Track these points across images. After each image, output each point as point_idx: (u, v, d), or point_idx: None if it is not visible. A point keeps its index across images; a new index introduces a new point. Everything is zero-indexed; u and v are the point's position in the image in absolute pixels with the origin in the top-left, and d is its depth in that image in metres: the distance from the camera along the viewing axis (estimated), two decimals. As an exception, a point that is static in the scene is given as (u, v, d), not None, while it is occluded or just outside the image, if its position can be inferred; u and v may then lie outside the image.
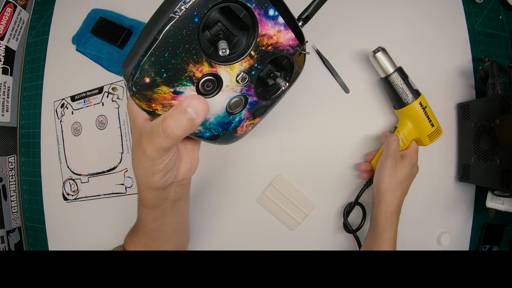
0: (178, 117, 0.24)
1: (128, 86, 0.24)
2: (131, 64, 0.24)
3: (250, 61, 0.27)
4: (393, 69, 0.47)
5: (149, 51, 0.23)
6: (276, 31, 0.26)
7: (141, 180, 0.31)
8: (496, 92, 0.47)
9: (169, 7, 0.22)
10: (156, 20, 0.23)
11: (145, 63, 0.23)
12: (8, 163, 0.61)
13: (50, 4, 0.61)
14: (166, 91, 0.24)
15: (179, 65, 0.24)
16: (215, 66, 0.25)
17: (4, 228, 0.58)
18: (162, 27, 0.22)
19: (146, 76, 0.23)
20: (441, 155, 0.54)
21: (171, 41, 0.23)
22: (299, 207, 0.52)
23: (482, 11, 0.56)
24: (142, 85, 0.24)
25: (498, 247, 0.56)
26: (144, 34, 0.24)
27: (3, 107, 0.60)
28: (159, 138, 0.25)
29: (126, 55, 0.25)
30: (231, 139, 0.34)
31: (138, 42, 0.24)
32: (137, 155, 0.29)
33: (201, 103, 0.24)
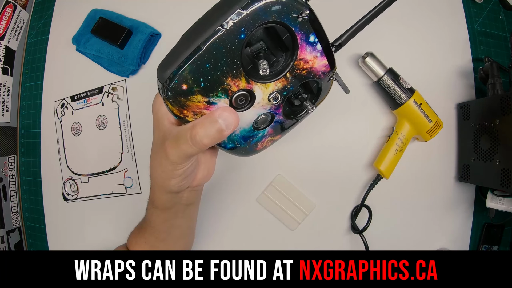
0: (208, 127, 0.25)
1: (162, 89, 0.25)
2: (169, 68, 0.24)
3: (284, 82, 0.28)
4: (383, 72, 0.48)
5: (191, 59, 0.23)
6: (313, 56, 0.27)
7: (157, 182, 0.31)
8: (496, 92, 0.47)
9: (218, 18, 0.23)
10: (202, 28, 0.23)
11: (185, 70, 0.23)
12: (8, 163, 0.61)
13: (50, 4, 0.61)
14: (201, 100, 0.25)
15: (218, 77, 0.24)
16: (251, 83, 0.26)
17: (4, 228, 0.58)
18: (208, 38, 0.22)
19: (184, 83, 0.24)
20: (441, 155, 0.54)
21: (214, 52, 0.23)
22: (299, 207, 0.52)
23: (482, 11, 0.56)
24: (178, 91, 0.24)
25: (498, 247, 0.56)
26: (186, 39, 0.24)
27: (3, 107, 0.60)
28: (186, 144, 0.25)
29: (164, 57, 0.25)
30: (250, 152, 0.35)
31: (179, 47, 0.24)
32: (158, 157, 0.29)
33: (233, 116, 0.25)
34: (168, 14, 0.56)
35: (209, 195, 0.53)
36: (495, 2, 0.57)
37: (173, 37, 0.59)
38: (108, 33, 0.54)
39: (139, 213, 0.42)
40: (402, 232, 0.54)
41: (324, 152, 0.52)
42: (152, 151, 0.30)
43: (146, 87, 0.56)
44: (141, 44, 0.53)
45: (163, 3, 0.56)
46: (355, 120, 0.53)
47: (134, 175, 0.55)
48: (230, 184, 0.53)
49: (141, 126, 0.55)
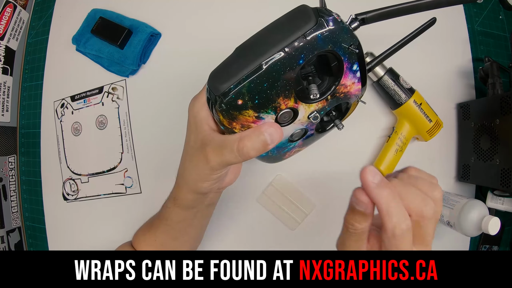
0: (255, 140, 0.26)
1: (215, 100, 0.25)
2: (226, 81, 0.24)
3: (324, 103, 0.29)
4: (383, 72, 0.48)
5: (251, 77, 0.24)
6: (352, 82, 0.29)
7: (188, 183, 0.32)
8: (496, 92, 0.47)
9: (280, 41, 0.23)
10: (263, 48, 0.24)
11: (244, 87, 0.24)
12: (8, 163, 0.61)
13: (50, 4, 0.61)
14: (251, 115, 0.26)
15: (272, 96, 0.26)
16: (298, 102, 0.27)
17: (4, 228, 0.58)
18: (270, 59, 0.24)
19: (240, 99, 0.25)
20: (441, 155, 0.54)
21: (274, 74, 0.24)
22: (299, 207, 0.52)
23: (482, 11, 0.56)
24: (233, 105, 0.25)
25: (498, 247, 0.56)
26: (245, 55, 0.25)
27: (3, 107, 0.60)
28: (231, 155, 0.27)
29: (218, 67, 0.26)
30: (277, 160, 0.37)
31: (236, 61, 0.25)
32: (195, 160, 0.30)
33: (278, 132, 0.27)
34: (168, 14, 0.56)
35: (209, 195, 0.53)
36: (495, 2, 0.57)
37: (173, 37, 0.60)
38: (108, 33, 0.54)
39: (139, 213, 0.43)
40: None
41: (324, 152, 0.52)
42: (187, 153, 0.31)
43: (146, 87, 0.56)
44: (141, 44, 0.53)
45: (163, 3, 0.56)
46: (355, 120, 0.53)
47: (134, 175, 0.55)
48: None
49: (141, 126, 0.55)
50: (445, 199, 0.48)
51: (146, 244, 0.40)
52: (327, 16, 0.24)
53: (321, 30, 0.23)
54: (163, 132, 0.54)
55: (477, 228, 0.44)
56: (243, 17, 0.53)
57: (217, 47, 0.55)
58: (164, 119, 0.55)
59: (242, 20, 0.54)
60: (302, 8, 0.24)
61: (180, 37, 0.55)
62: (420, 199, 0.24)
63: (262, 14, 0.55)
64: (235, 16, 0.54)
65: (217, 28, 0.54)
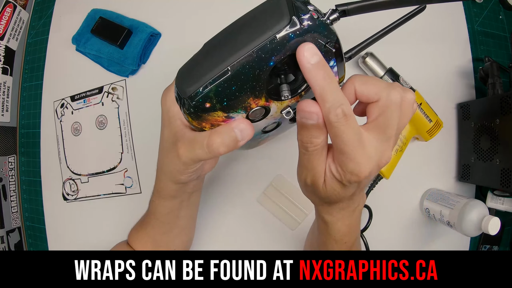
0: (225, 137, 0.26)
1: (183, 102, 0.25)
2: (193, 84, 0.23)
3: (297, 98, 0.28)
4: (383, 72, 0.48)
5: (217, 81, 0.23)
6: None
7: (166, 175, 0.32)
8: (496, 92, 0.47)
9: (249, 41, 0.22)
10: (231, 47, 0.23)
11: (211, 91, 0.23)
12: (8, 163, 0.61)
13: (50, 4, 0.61)
14: (220, 115, 0.25)
15: (241, 97, 0.25)
16: (269, 101, 0.26)
17: (4, 228, 0.58)
18: (237, 62, 0.22)
19: (207, 102, 0.24)
20: (441, 155, 0.54)
21: (242, 77, 0.23)
22: (299, 207, 0.52)
23: (482, 11, 0.56)
24: (201, 108, 0.24)
25: (498, 247, 0.56)
26: (212, 54, 0.23)
27: (3, 107, 0.60)
28: (201, 150, 0.26)
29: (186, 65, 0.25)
30: (251, 147, 0.38)
31: (204, 60, 0.24)
32: (170, 155, 0.30)
33: (249, 128, 0.26)
34: (168, 14, 0.56)
35: (209, 195, 0.53)
36: (495, 2, 0.57)
37: (173, 37, 0.60)
38: (108, 33, 0.54)
39: (139, 213, 0.42)
40: (402, 232, 0.54)
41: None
42: (162, 147, 0.31)
43: (146, 87, 0.56)
44: (141, 44, 0.53)
45: (163, 3, 0.56)
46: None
47: (134, 175, 0.55)
48: (230, 184, 0.53)
49: (141, 126, 0.55)
50: (445, 199, 0.48)
51: (140, 241, 0.40)
52: (302, 13, 0.21)
53: (294, 29, 0.21)
54: (163, 132, 0.54)
55: (477, 228, 0.44)
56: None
57: (217, 47, 0.55)
58: (164, 119, 0.55)
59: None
60: (277, 2, 0.22)
61: (180, 37, 0.55)
62: (384, 85, 0.24)
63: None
64: (235, 16, 0.54)
65: (217, 28, 0.54)
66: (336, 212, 0.29)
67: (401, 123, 0.24)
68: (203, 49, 0.25)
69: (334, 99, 0.22)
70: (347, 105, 0.22)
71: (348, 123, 0.22)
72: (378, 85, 0.24)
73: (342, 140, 0.23)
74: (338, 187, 0.26)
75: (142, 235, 0.40)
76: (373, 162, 0.24)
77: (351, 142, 0.23)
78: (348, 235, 0.31)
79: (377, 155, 0.24)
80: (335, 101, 0.22)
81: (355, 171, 0.24)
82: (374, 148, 0.24)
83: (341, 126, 0.22)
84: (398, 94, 0.23)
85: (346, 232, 0.31)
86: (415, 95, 0.25)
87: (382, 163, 0.25)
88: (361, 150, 0.23)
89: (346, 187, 0.26)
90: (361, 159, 0.23)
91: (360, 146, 0.23)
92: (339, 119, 0.22)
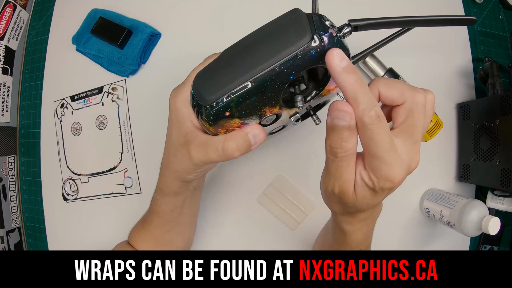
0: (239, 142, 0.27)
1: (203, 111, 0.25)
2: (215, 93, 0.24)
3: (306, 105, 0.30)
4: (383, 72, 0.48)
5: (240, 92, 0.24)
6: (335, 86, 0.29)
7: (172, 173, 0.33)
8: (496, 92, 0.47)
9: (271, 56, 0.23)
10: (253, 60, 0.23)
11: (233, 101, 0.24)
12: (8, 163, 0.61)
13: (50, 4, 0.61)
14: (237, 122, 0.27)
15: (259, 106, 0.26)
16: (282, 108, 0.28)
17: (4, 228, 0.58)
18: (260, 75, 0.23)
19: (227, 111, 0.25)
20: (441, 155, 0.54)
21: (263, 89, 0.24)
22: (299, 207, 0.52)
23: (482, 11, 0.56)
24: (221, 116, 0.25)
25: (498, 247, 0.56)
26: (234, 65, 0.24)
27: (3, 107, 0.60)
28: (216, 154, 0.28)
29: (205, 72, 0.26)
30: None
31: (226, 71, 0.24)
32: (180, 156, 0.30)
33: (262, 133, 0.28)
34: (168, 14, 0.56)
35: (210, 195, 0.53)
36: (495, 2, 0.57)
37: (173, 37, 0.60)
38: (108, 33, 0.54)
39: (139, 213, 0.42)
40: (402, 232, 0.54)
41: (324, 153, 0.52)
42: (170, 147, 0.32)
43: (146, 87, 0.56)
44: (141, 44, 0.53)
45: (163, 3, 0.56)
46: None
47: (134, 175, 0.55)
48: (230, 184, 0.53)
49: (141, 126, 0.55)
50: (445, 199, 0.48)
51: (142, 240, 0.41)
52: (322, 30, 0.22)
53: (315, 46, 0.22)
54: (163, 132, 0.54)
55: (477, 228, 0.44)
56: (244, 17, 0.53)
57: (217, 47, 0.55)
58: (164, 119, 0.54)
59: (243, 20, 0.54)
60: (297, 17, 0.23)
61: (180, 37, 0.55)
62: (408, 88, 0.24)
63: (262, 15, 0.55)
64: (236, 16, 0.54)
65: (217, 28, 0.54)
66: (357, 222, 0.29)
67: (425, 125, 0.25)
68: (223, 57, 0.25)
69: (367, 101, 0.22)
70: (379, 107, 0.22)
71: (381, 125, 0.22)
72: (403, 87, 0.24)
73: (376, 143, 0.22)
74: (369, 195, 0.25)
75: (145, 234, 0.40)
76: (405, 166, 0.23)
77: (385, 145, 0.22)
78: (363, 243, 0.31)
79: (408, 160, 0.24)
80: (369, 103, 0.22)
81: (389, 176, 0.23)
82: (405, 153, 0.23)
83: (376, 129, 0.22)
84: (422, 96, 0.23)
85: (362, 240, 0.31)
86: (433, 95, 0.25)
87: (412, 168, 0.24)
88: (395, 153, 0.23)
89: (377, 195, 0.25)
90: (395, 163, 0.23)
91: (393, 150, 0.23)
92: (373, 121, 0.22)
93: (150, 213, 0.39)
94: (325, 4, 0.32)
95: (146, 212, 0.41)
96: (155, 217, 0.38)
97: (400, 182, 0.23)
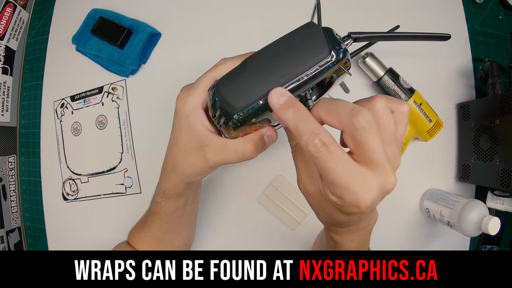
0: (258, 143, 0.29)
1: (230, 118, 0.27)
2: (242, 102, 0.26)
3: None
4: (383, 72, 0.48)
5: (267, 100, 0.25)
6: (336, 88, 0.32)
7: (179, 175, 0.33)
8: (496, 92, 0.47)
9: (296, 67, 0.25)
10: (280, 71, 0.26)
11: (261, 108, 0.26)
12: (8, 163, 0.61)
13: (50, 4, 0.61)
14: (257, 126, 0.29)
15: None
16: None
17: (4, 228, 0.58)
18: (286, 86, 0.26)
19: (254, 117, 0.27)
20: (441, 155, 0.54)
21: None
22: (299, 207, 0.52)
23: (482, 11, 0.56)
24: (246, 121, 0.27)
25: (498, 247, 0.56)
26: (259, 75, 0.26)
27: (3, 107, 0.60)
28: (234, 157, 0.29)
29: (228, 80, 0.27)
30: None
31: (251, 80, 0.26)
32: (193, 159, 0.31)
33: (275, 134, 0.30)
34: (168, 14, 0.56)
35: (210, 195, 0.53)
36: (495, 2, 0.57)
37: (173, 37, 0.59)
38: (108, 33, 0.54)
39: (139, 213, 0.42)
40: (402, 232, 0.54)
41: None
42: (180, 149, 0.32)
43: (146, 87, 0.56)
44: (141, 44, 0.53)
45: (163, 3, 0.56)
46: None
47: (134, 175, 0.55)
48: (230, 184, 0.53)
49: (141, 125, 0.55)
50: (445, 199, 0.48)
51: (142, 241, 0.41)
52: (337, 45, 0.25)
53: (332, 60, 0.25)
54: (163, 132, 0.54)
55: (477, 228, 0.44)
56: (243, 18, 0.54)
57: (217, 47, 0.55)
58: (164, 119, 0.54)
59: (242, 20, 0.54)
60: (315, 32, 0.26)
61: (180, 37, 0.55)
62: (347, 110, 0.21)
63: (262, 15, 0.55)
64: (235, 16, 0.54)
65: (217, 28, 0.54)
66: (345, 233, 0.29)
67: (394, 136, 0.23)
68: (245, 66, 0.27)
69: (308, 130, 0.21)
70: (324, 134, 0.21)
71: (330, 152, 0.21)
72: (340, 113, 0.22)
73: (328, 170, 0.21)
74: (343, 216, 0.24)
75: (145, 235, 0.40)
76: (373, 190, 0.21)
77: (340, 172, 0.21)
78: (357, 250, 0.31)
79: (378, 183, 0.21)
80: (310, 132, 0.21)
81: (353, 202, 0.21)
82: (371, 176, 0.21)
83: (324, 156, 0.21)
84: (364, 116, 0.21)
85: (355, 248, 0.30)
86: (385, 102, 0.23)
87: (387, 189, 0.22)
88: (354, 178, 0.21)
89: (350, 216, 0.24)
90: (358, 188, 0.21)
91: (353, 174, 0.21)
92: (319, 149, 0.21)
93: (150, 214, 0.39)
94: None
95: (146, 213, 0.40)
96: (156, 218, 0.38)
97: (369, 206, 0.21)
